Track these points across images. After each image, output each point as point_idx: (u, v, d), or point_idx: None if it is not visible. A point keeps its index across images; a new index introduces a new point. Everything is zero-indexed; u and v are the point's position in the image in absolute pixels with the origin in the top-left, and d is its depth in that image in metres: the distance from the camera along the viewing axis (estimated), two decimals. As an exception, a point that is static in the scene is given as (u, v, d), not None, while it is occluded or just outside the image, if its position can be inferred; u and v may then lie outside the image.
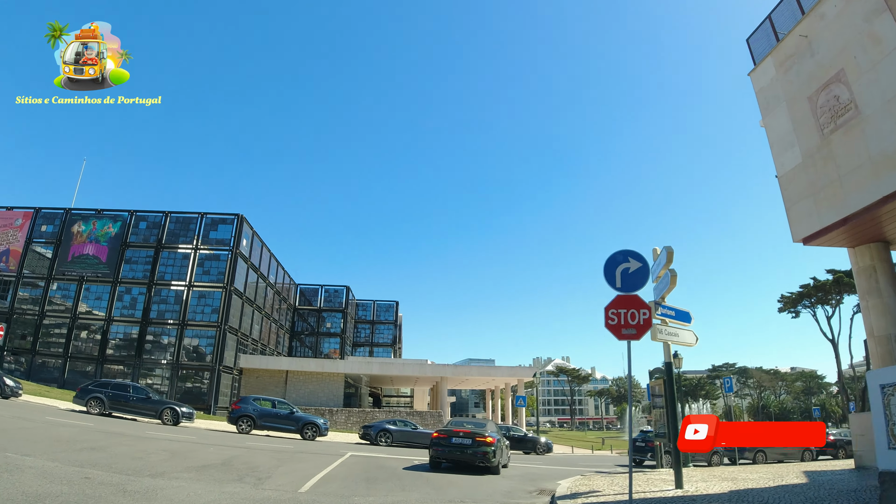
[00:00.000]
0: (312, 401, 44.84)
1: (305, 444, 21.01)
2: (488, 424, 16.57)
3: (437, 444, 14.77)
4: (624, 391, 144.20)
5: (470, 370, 46.46)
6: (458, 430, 14.87)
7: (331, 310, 68.19)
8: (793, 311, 68.64)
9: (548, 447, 31.32)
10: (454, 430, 14.96)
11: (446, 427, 15.64)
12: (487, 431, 15.15)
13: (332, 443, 24.43)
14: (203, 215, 46.31)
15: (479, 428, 15.53)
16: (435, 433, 15.38)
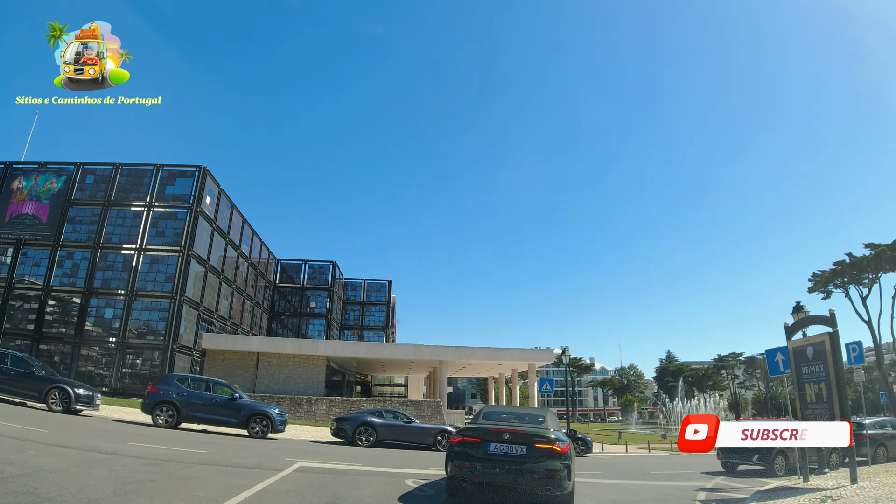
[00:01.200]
0: (288, 388, 38.00)
1: (243, 446, 14.13)
2: (548, 416, 9.80)
3: (464, 454, 8.14)
4: (627, 381, 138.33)
5: (475, 352, 39.43)
6: (503, 429, 8.24)
7: (315, 288, 60.73)
8: (824, 292, 62.08)
9: (587, 445, 24.65)
10: (494, 427, 8.36)
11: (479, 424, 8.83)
12: (551, 430, 8.61)
13: (287, 441, 17.76)
14: (159, 168, 39.09)
15: (536, 424, 9.03)
16: (458, 436, 8.57)
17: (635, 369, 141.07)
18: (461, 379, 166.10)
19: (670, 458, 25.15)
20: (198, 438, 14.84)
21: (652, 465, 20.75)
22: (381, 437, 18.80)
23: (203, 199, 38.67)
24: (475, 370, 50.57)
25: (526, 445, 8.02)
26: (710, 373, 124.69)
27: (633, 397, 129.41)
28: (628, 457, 26.32)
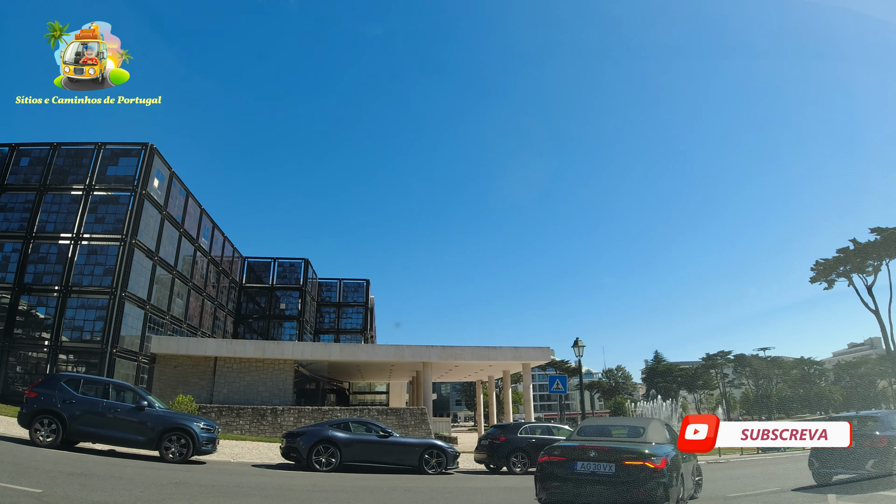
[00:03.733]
0: (251, 397, 33.20)
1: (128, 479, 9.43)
2: (649, 427, 8.80)
3: (551, 474, 7.96)
4: (615, 383, 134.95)
5: (463, 352, 34.93)
6: (589, 446, 7.89)
7: (285, 288, 55.55)
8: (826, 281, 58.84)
9: None
10: (581, 444, 8.03)
11: (569, 440, 8.97)
12: (647, 444, 8.04)
13: (217, 466, 13.33)
14: (100, 146, 34.15)
15: (631, 438, 8.43)
16: (544, 454, 8.29)
17: (623, 371, 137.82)
18: (444, 385, 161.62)
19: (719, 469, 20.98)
20: (66, 463, 10.17)
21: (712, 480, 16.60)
22: (347, 458, 14.31)
23: (150, 182, 33.83)
24: (462, 373, 45.96)
25: (614, 463, 7.61)
26: (700, 372, 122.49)
27: (622, 399, 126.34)
28: None
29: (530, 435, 17.89)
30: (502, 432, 18.08)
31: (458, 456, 16.24)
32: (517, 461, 17.12)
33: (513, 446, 17.25)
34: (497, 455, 17.46)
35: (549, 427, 19.15)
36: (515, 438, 17.54)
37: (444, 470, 15.36)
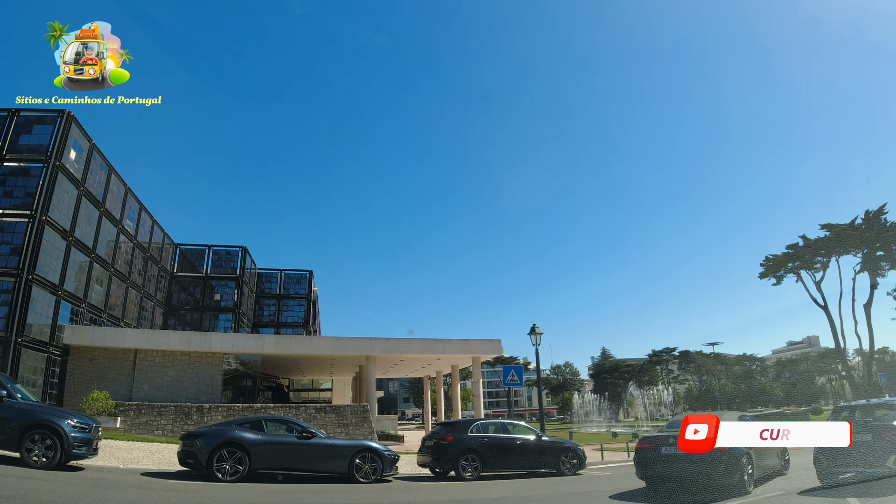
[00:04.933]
0: (176, 394, 30.42)
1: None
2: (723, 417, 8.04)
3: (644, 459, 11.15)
4: (563, 379, 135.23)
5: (409, 345, 32.84)
6: (668, 435, 10.61)
7: (221, 277, 51.79)
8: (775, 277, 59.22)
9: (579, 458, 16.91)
10: (662, 435, 11.07)
11: (658, 432, 12.42)
12: None
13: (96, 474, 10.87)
14: (14, 112, 30.37)
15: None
16: (640, 443, 11.77)
17: (571, 367, 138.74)
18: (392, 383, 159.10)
19: None
20: None
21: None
22: (258, 464, 11.96)
23: (66, 153, 30.36)
24: (409, 368, 43.84)
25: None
26: (646, 368, 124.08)
27: (569, 395, 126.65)
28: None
29: (482, 434, 15.86)
30: (450, 431, 15.81)
31: (396, 460, 14.02)
32: (468, 465, 14.95)
33: (462, 447, 15.09)
34: (444, 458, 15.19)
35: (505, 424, 17.04)
36: (465, 438, 15.39)
37: (380, 477, 13.28)
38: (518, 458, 16.04)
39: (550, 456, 16.50)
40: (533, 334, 22.63)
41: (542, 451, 16.50)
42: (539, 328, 22.55)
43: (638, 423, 78.81)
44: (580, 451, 17.00)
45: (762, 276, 60.55)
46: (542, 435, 16.98)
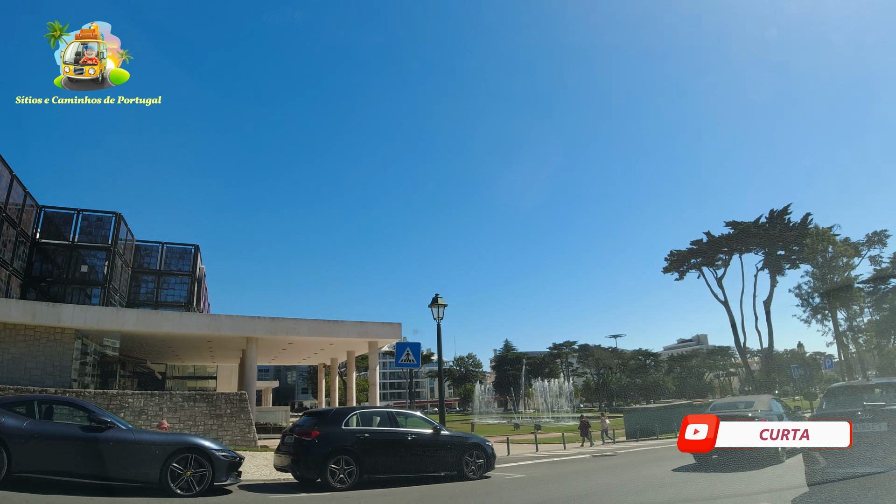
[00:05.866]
0: (17, 376, 25.23)
1: None
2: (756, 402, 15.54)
3: None
4: (465, 370, 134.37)
5: (297, 326, 29.01)
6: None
7: (91, 247, 45.04)
8: (678, 272, 59.74)
9: (487, 457, 13.92)
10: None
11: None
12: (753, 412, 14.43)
13: None
14: None
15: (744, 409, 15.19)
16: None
17: (473, 358, 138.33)
18: (290, 372, 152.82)
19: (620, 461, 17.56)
20: None
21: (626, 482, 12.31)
22: (24, 466, 8.23)
23: None
24: (300, 353, 39.65)
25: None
26: (547, 361, 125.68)
27: (471, 386, 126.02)
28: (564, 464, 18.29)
29: (362, 427, 12.49)
30: (316, 423, 12.31)
31: (238, 464, 10.45)
32: (339, 469, 11.46)
33: (332, 445, 11.64)
34: (306, 459, 11.60)
35: (392, 414, 13.62)
36: (337, 433, 12.00)
37: (209, 487, 9.69)
38: (409, 458, 12.86)
39: (451, 455, 13.42)
40: (435, 306, 19.52)
41: (442, 448, 13.37)
42: (442, 299, 19.41)
43: (539, 414, 78.10)
44: (488, 448, 14.05)
45: (666, 271, 61.11)
46: (441, 428, 13.88)
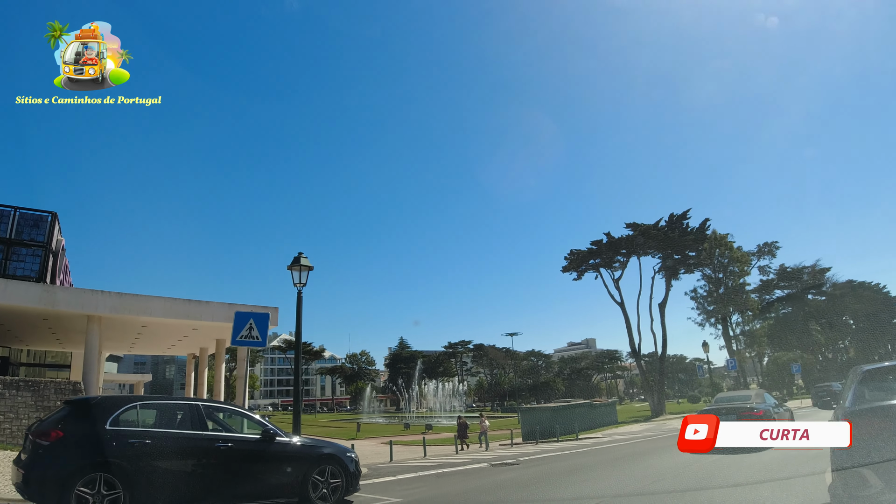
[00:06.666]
0: None
1: None
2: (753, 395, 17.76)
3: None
4: (358, 367, 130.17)
5: (149, 304, 24.57)
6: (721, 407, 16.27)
7: None
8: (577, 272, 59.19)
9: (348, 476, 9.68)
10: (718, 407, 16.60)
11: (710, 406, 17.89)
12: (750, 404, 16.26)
13: None
14: None
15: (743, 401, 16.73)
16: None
17: (367, 356, 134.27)
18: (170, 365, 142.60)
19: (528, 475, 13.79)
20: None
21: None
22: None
23: None
24: (161, 339, 34.05)
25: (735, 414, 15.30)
26: (442, 359, 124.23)
27: (363, 384, 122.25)
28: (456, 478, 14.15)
29: (143, 429, 8.20)
30: (63, 420, 7.81)
31: None
32: (90, 497, 7.12)
33: (82, 455, 7.44)
34: (39, 476, 7.30)
35: (198, 409, 8.85)
36: (95, 436, 7.62)
37: None
38: (220, 478, 8.47)
39: (292, 472, 9.18)
40: (296, 268, 15.35)
41: (276, 462, 9.10)
42: (307, 259, 15.29)
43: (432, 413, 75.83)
44: (349, 462, 9.89)
45: (565, 270, 60.32)
46: (277, 432, 9.37)
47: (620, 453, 18.69)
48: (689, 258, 53.96)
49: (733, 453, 12.38)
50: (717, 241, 55.90)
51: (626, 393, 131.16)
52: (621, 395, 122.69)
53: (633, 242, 53.71)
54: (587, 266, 57.83)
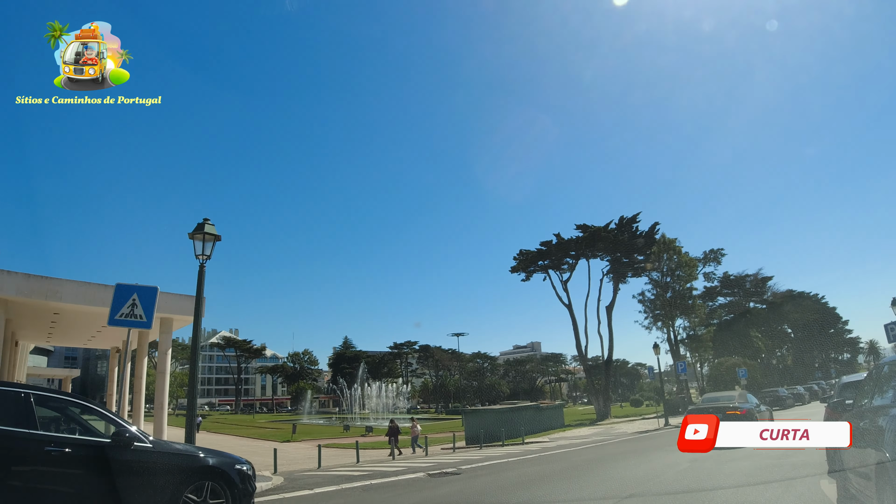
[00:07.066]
0: None
1: None
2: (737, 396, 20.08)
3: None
4: (300, 367, 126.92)
5: (62, 288, 22.26)
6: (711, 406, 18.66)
7: None
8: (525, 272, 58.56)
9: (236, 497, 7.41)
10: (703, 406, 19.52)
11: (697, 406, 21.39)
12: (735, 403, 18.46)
13: None
14: None
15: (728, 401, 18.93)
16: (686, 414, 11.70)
17: (310, 355, 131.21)
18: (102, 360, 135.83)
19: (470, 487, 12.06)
20: None
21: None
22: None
23: None
24: (78, 329, 30.84)
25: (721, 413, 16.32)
26: (387, 360, 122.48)
27: (305, 384, 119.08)
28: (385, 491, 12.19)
29: None
30: None
31: None
32: None
33: None
34: None
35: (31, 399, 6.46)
36: None
37: None
38: (48, 495, 6.30)
39: (154, 489, 6.99)
40: (199, 236, 13.43)
41: (131, 476, 6.85)
42: (213, 227, 13.36)
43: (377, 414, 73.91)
44: (237, 477, 7.68)
45: (513, 271, 59.70)
46: (137, 435, 7.13)
47: (573, 461, 17.34)
48: (638, 261, 54.02)
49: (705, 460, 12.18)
50: (666, 244, 56.10)
51: (569, 396, 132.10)
52: (565, 398, 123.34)
53: (582, 244, 53.28)
54: (536, 267, 57.23)
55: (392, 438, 24.80)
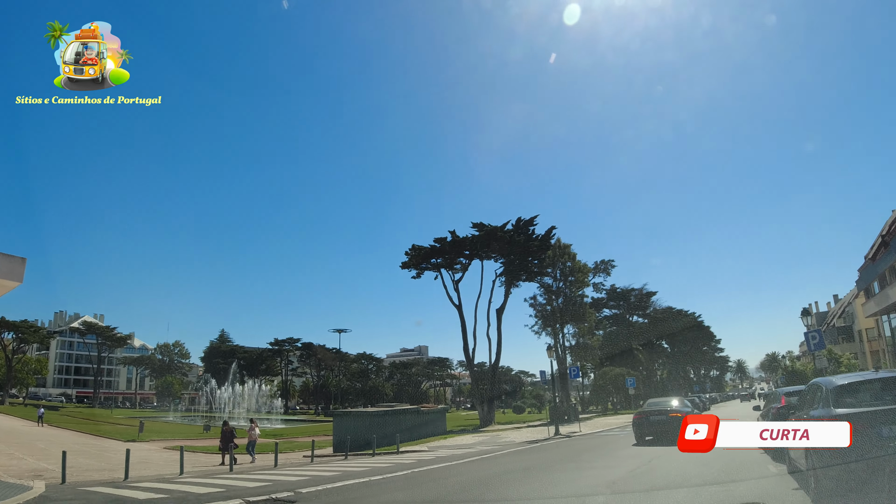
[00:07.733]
0: None
1: None
2: (675, 399, 22.91)
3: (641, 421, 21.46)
4: (170, 360, 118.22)
5: None
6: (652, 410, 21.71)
7: None
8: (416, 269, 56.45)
9: None
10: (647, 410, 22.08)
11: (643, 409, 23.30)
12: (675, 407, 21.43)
13: None
14: None
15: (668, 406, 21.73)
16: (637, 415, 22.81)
17: (181, 347, 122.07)
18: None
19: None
20: None
21: None
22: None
23: None
24: None
25: (665, 415, 20.29)
26: (266, 357, 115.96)
27: (173, 379, 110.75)
28: None
29: None
30: None
31: None
32: None
33: None
34: None
35: None
36: None
37: None
38: None
39: None
40: None
41: None
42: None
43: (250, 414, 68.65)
44: None
45: (404, 267, 57.19)
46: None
47: (451, 483, 13.48)
48: (532, 264, 53.33)
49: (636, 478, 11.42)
50: (561, 249, 55.94)
51: (453, 401, 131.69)
52: (449, 403, 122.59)
53: (477, 243, 51.87)
54: (428, 265, 55.13)
55: (224, 443, 21.07)
